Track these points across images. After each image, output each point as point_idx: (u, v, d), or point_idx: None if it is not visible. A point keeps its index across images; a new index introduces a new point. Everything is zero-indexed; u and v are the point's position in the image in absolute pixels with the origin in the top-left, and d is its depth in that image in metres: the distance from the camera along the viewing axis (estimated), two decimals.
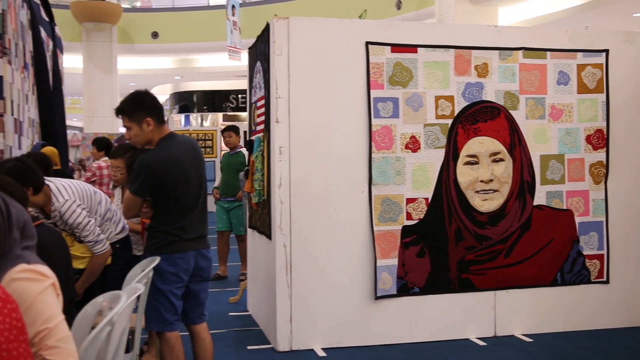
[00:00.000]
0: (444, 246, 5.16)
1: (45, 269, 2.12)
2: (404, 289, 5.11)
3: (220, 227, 7.87)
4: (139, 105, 3.56)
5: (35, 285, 2.02)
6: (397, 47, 5.10)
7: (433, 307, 5.18)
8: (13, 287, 1.95)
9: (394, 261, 5.08)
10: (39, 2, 7.95)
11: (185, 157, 3.62)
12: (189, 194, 3.63)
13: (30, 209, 3.22)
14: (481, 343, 5.13)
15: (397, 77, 5.09)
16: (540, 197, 5.35)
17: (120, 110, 3.60)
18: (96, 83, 18.34)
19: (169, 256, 3.55)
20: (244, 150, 8.13)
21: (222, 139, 8.29)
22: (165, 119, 3.86)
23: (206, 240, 3.80)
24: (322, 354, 4.89)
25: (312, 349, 4.97)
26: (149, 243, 3.65)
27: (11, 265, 2.01)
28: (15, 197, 2.82)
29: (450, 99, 5.18)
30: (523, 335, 5.29)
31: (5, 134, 5.47)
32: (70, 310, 3.06)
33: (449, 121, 5.19)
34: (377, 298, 5.06)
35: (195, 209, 3.67)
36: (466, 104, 5.21)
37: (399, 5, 15.74)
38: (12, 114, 5.84)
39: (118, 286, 3.57)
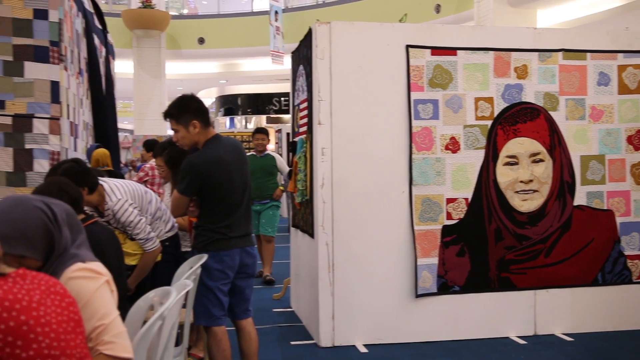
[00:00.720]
0: (484, 245, 5.10)
1: (99, 266, 2.16)
2: (444, 288, 5.06)
3: (254, 232, 7.66)
4: (185, 109, 3.60)
5: (91, 283, 2.06)
6: (437, 50, 5.06)
7: (473, 305, 5.12)
8: (70, 286, 1.99)
9: (434, 260, 5.05)
10: (92, 11, 8.11)
11: (230, 158, 3.65)
12: (234, 194, 3.66)
13: (85, 208, 3.28)
14: (521, 342, 5.05)
15: (437, 79, 5.06)
16: (580, 198, 5.25)
17: (168, 114, 3.65)
18: (146, 87, 18.61)
19: (215, 254, 3.59)
20: (272, 153, 7.93)
21: (254, 140, 7.86)
22: (212, 121, 3.90)
23: (251, 238, 3.83)
24: (363, 350, 4.89)
25: (354, 345, 4.97)
26: (196, 241, 3.69)
27: (68, 265, 2.06)
28: (70, 196, 2.90)
29: (489, 100, 5.12)
30: (563, 334, 5.19)
31: (61, 136, 5.59)
32: (123, 305, 3.11)
33: (489, 122, 5.13)
34: (417, 296, 5.02)
35: (240, 208, 3.70)
36: (506, 105, 5.15)
37: (438, 9, 15.61)
38: (68, 118, 5.96)
39: (167, 282, 3.62)
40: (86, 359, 1.75)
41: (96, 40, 7.85)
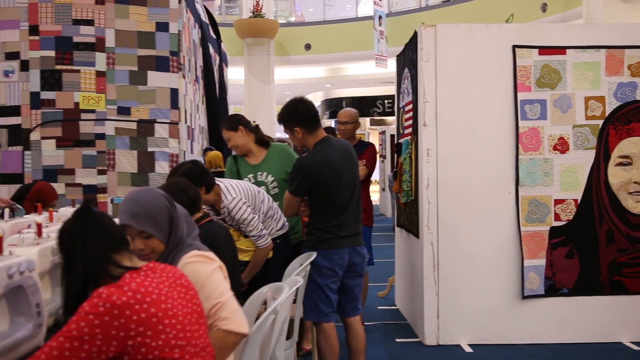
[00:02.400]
0: (594, 248, 4.86)
1: (212, 254, 2.31)
2: (552, 290, 4.87)
3: None
4: (289, 117, 3.69)
5: (206, 266, 2.22)
6: (545, 49, 4.88)
7: (583, 308, 4.89)
8: (188, 269, 2.15)
9: (542, 262, 4.86)
10: (208, 22, 8.40)
11: (339, 159, 3.66)
12: (343, 194, 3.65)
13: (202, 206, 3.40)
14: (635, 347, 4.76)
15: (544, 79, 4.87)
16: None
17: (278, 120, 3.82)
18: (256, 93, 19.03)
19: (325, 252, 3.60)
20: None
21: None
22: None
23: (360, 237, 3.79)
24: (468, 350, 4.78)
25: (459, 345, 4.87)
26: (307, 239, 3.73)
27: (185, 252, 2.25)
28: (189, 196, 3.02)
29: (601, 99, 4.87)
30: None
31: (180, 139, 5.83)
32: (237, 299, 3.20)
33: (600, 122, 4.88)
34: (524, 297, 4.86)
35: (349, 208, 3.68)
36: (618, 104, 4.87)
37: (544, 8, 15.01)
38: (186, 122, 6.21)
39: (278, 278, 3.68)
40: (208, 349, 1.81)
41: (211, 49, 8.13)
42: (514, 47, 4.88)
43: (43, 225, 2.58)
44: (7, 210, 3.20)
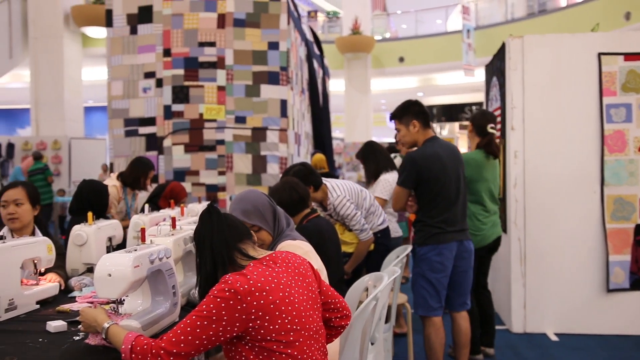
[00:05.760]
0: None
1: (304, 243, 2.45)
2: (637, 284, 4.57)
3: None
4: (407, 110, 3.54)
5: (298, 251, 2.33)
6: (630, 56, 4.59)
7: None
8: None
9: (627, 257, 4.58)
10: (312, 40, 8.49)
11: (446, 155, 3.47)
12: (449, 188, 3.46)
13: (312, 203, 3.44)
14: None
15: (630, 84, 4.59)
16: None
17: (393, 115, 3.63)
18: (354, 102, 19.04)
19: (435, 247, 3.43)
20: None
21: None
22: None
23: (467, 232, 3.59)
24: (554, 338, 4.58)
25: (545, 333, 4.67)
26: (417, 236, 3.53)
27: (283, 240, 2.42)
28: (300, 193, 3.07)
29: None
30: None
31: (288, 144, 5.93)
32: (341, 287, 3.22)
33: None
34: (609, 291, 4.59)
35: (456, 203, 3.49)
36: None
37: (627, 16, 14.09)
38: (293, 129, 6.31)
39: (378, 268, 3.67)
40: (321, 331, 1.83)
41: (315, 64, 8.21)
42: (600, 54, 4.62)
43: (176, 219, 2.70)
44: (147, 206, 3.37)
